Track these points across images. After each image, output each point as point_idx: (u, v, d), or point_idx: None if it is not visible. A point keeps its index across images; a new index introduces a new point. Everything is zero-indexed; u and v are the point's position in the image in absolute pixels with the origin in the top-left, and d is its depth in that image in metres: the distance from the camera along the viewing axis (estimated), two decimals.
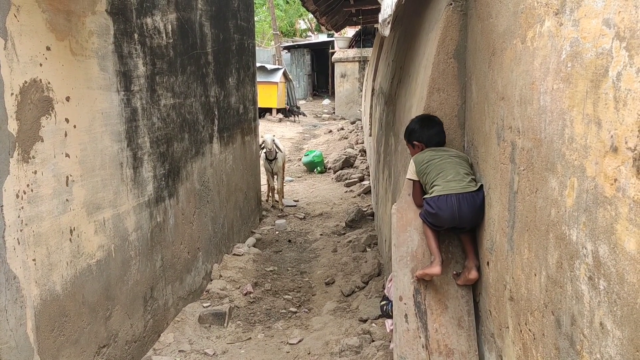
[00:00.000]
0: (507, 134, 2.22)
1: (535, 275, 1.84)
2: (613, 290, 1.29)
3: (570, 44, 1.57)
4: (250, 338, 4.40)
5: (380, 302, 3.47)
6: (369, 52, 18.07)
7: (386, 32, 3.52)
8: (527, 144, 1.96)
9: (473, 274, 2.74)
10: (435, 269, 2.75)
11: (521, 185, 2.02)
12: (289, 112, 21.40)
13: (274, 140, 8.73)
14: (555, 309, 1.65)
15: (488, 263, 2.53)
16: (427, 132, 3.06)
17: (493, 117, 2.45)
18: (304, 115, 22.19)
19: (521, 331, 2.01)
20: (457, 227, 2.76)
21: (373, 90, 9.37)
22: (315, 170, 12.00)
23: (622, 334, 1.25)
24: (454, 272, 2.88)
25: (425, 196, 2.86)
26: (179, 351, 4.08)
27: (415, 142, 3.12)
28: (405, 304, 2.86)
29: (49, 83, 2.83)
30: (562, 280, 1.60)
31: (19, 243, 2.60)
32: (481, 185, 2.68)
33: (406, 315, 2.84)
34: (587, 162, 1.43)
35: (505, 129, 2.24)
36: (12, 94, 2.55)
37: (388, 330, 3.34)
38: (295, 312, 4.96)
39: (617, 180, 1.28)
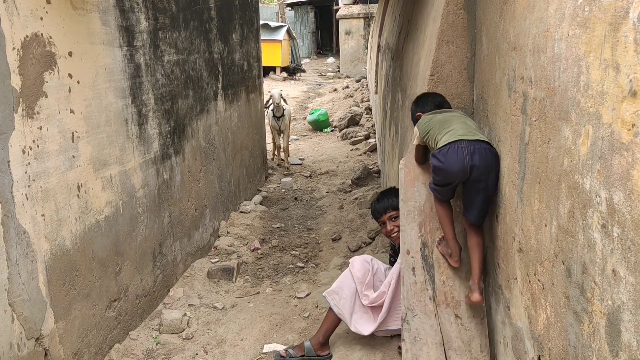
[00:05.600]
0: (518, 85, 2.18)
1: (546, 225, 1.83)
2: (627, 236, 1.28)
3: None
4: (258, 292, 4.46)
5: (390, 258, 3.50)
6: (374, 8, 17.70)
7: None
8: (539, 94, 1.92)
9: (475, 297, 2.58)
10: (455, 264, 2.71)
11: (532, 136, 1.98)
12: (294, 70, 21.16)
13: (281, 95, 8.64)
14: (566, 258, 1.65)
15: (497, 216, 2.53)
16: (427, 101, 2.97)
17: (504, 69, 2.40)
18: (304, 71, 21.95)
19: (530, 282, 2.02)
20: (469, 181, 2.49)
21: (379, 46, 9.21)
22: (323, 130, 11.93)
23: (636, 280, 1.24)
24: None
25: (433, 153, 2.60)
26: (189, 305, 4.15)
27: (417, 115, 2.97)
28: (412, 257, 2.88)
29: (50, 37, 2.78)
30: (573, 230, 1.59)
31: (27, 198, 2.61)
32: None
33: (414, 268, 2.86)
34: (603, 109, 1.40)
35: (517, 80, 2.19)
36: (13, 48, 2.50)
37: None
38: (303, 267, 5.01)
39: (635, 125, 1.25)
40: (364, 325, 3.19)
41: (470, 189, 2.54)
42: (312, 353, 3.29)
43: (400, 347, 3.01)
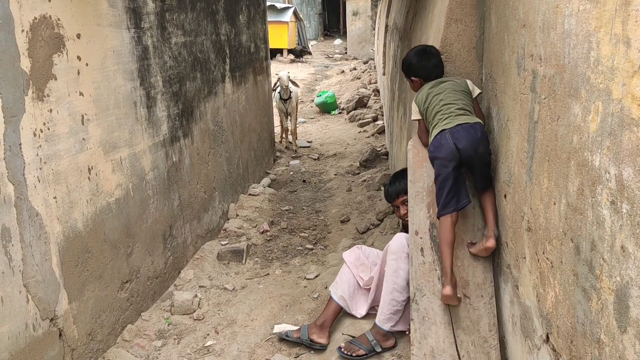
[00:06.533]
0: (527, 63, 2.16)
1: (555, 204, 1.83)
2: (637, 212, 1.28)
3: None
4: (268, 274, 4.50)
5: None
6: None
7: None
8: (549, 71, 1.90)
9: (490, 242, 2.64)
10: (446, 291, 2.62)
11: (542, 114, 1.98)
12: (301, 52, 21.05)
13: (289, 77, 8.61)
14: (575, 236, 1.65)
15: (505, 196, 2.53)
16: (425, 65, 2.99)
17: (513, 47, 2.38)
18: (310, 53, 21.86)
19: (538, 260, 2.02)
20: (464, 163, 2.66)
21: (387, 27, 9.13)
22: (331, 112, 11.89)
23: None
24: (469, 241, 2.79)
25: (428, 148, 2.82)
26: (199, 286, 4.20)
27: (413, 78, 3.05)
28: (421, 238, 2.88)
29: (58, 19, 2.78)
30: (582, 207, 1.59)
31: (39, 181, 2.64)
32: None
33: (422, 249, 2.87)
34: (614, 85, 1.39)
35: (526, 58, 2.18)
36: (22, 30, 2.51)
37: None
38: (312, 249, 5.04)
39: None
40: (358, 309, 3.38)
41: (470, 168, 2.74)
42: (305, 335, 3.28)
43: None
